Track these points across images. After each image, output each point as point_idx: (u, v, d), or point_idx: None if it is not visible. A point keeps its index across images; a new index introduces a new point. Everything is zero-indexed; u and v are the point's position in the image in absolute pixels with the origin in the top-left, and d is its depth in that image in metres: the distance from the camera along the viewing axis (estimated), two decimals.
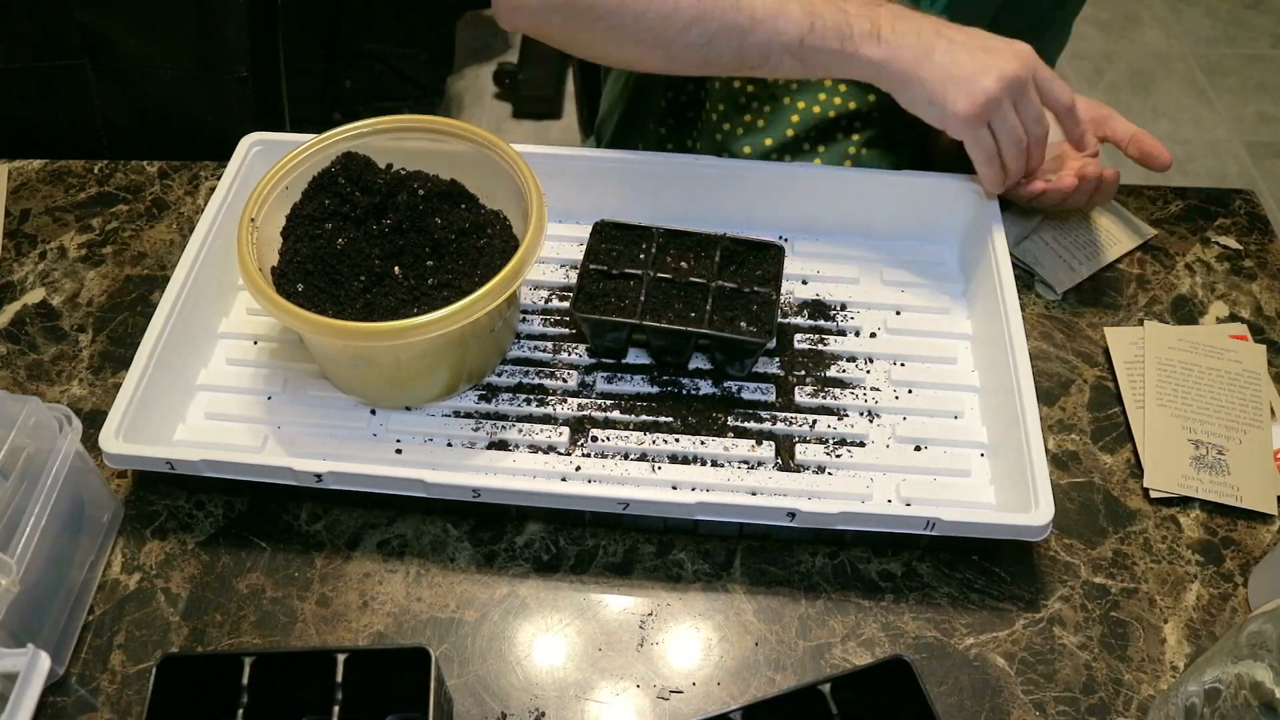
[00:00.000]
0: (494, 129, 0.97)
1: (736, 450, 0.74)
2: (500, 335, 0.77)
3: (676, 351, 0.77)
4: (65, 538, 0.66)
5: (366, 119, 0.77)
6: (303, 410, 0.76)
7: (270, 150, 0.84)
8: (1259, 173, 2.13)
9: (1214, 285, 0.87)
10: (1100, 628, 0.68)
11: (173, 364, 0.74)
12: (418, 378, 0.74)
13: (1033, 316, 0.84)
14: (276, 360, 0.79)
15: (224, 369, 0.79)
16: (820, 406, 0.77)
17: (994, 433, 0.74)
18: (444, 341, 0.70)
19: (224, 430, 0.75)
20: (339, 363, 0.74)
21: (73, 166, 0.94)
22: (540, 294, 0.83)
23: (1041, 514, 0.65)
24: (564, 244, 0.86)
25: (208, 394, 0.77)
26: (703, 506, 0.67)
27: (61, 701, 0.65)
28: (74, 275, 0.86)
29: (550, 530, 0.72)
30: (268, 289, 0.69)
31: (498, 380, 0.78)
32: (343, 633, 0.68)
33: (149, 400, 0.72)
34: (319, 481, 0.68)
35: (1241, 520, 0.73)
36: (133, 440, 0.69)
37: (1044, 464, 0.67)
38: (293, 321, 0.67)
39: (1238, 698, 0.52)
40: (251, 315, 0.82)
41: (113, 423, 0.69)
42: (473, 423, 0.75)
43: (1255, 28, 2.43)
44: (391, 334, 0.66)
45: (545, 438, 0.74)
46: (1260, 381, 0.79)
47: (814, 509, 0.66)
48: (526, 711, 0.64)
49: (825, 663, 0.67)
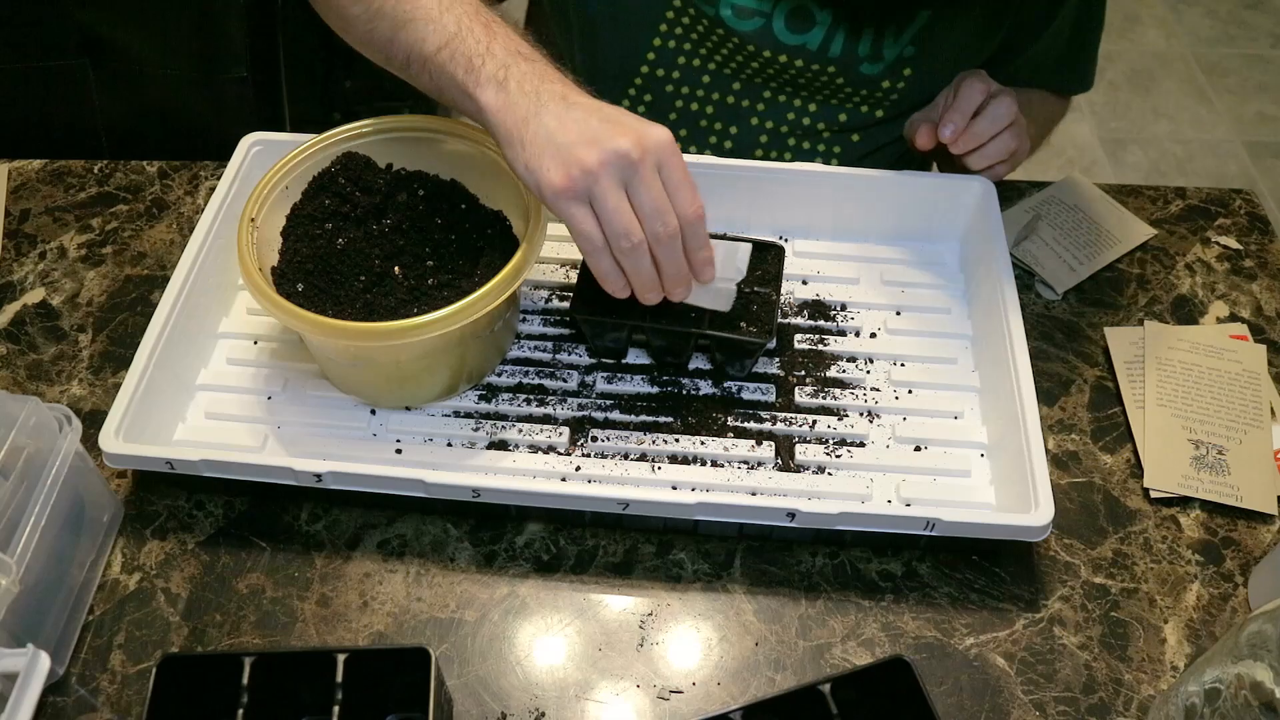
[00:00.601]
0: None
1: (736, 450, 0.74)
2: (500, 335, 0.77)
3: (676, 352, 0.77)
4: (65, 538, 0.66)
5: (366, 119, 0.77)
6: (303, 410, 0.76)
7: (270, 150, 0.84)
8: (1259, 173, 2.13)
9: (1214, 285, 0.87)
10: (1100, 628, 0.68)
11: (173, 364, 0.74)
12: (418, 378, 0.74)
13: (1033, 316, 0.84)
14: (277, 360, 0.79)
15: (224, 369, 0.79)
16: (820, 407, 0.77)
17: (994, 433, 0.74)
18: (444, 342, 0.70)
19: (224, 430, 0.75)
20: (339, 363, 0.74)
21: (73, 166, 0.94)
22: (540, 294, 0.83)
23: (1042, 514, 0.65)
24: (564, 244, 0.86)
25: (208, 394, 0.77)
26: (702, 506, 0.67)
27: (61, 701, 0.65)
28: (74, 275, 0.86)
29: (550, 530, 0.72)
30: (267, 289, 0.69)
31: (498, 380, 0.78)
32: (343, 633, 0.68)
33: (149, 400, 0.71)
34: (319, 482, 0.68)
35: (1241, 520, 0.73)
36: (133, 440, 0.69)
37: (1044, 464, 0.67)
38: (292, 321, 0.67)
39: (1238, 698, 0.52)
40: (252, 315, 0.82)
41: (112, 422, 0.69)
42: (473, 423, 0.75)
43: (1255, 28, 2.43)
44: (391, 334, 0.66)
45: (545, 438, 0.74)
46: (1260, 381, 0.79)
47: (814, 509, 0.66)
48: (526, 711, 0.64)
49: (825, 663, 0.67)
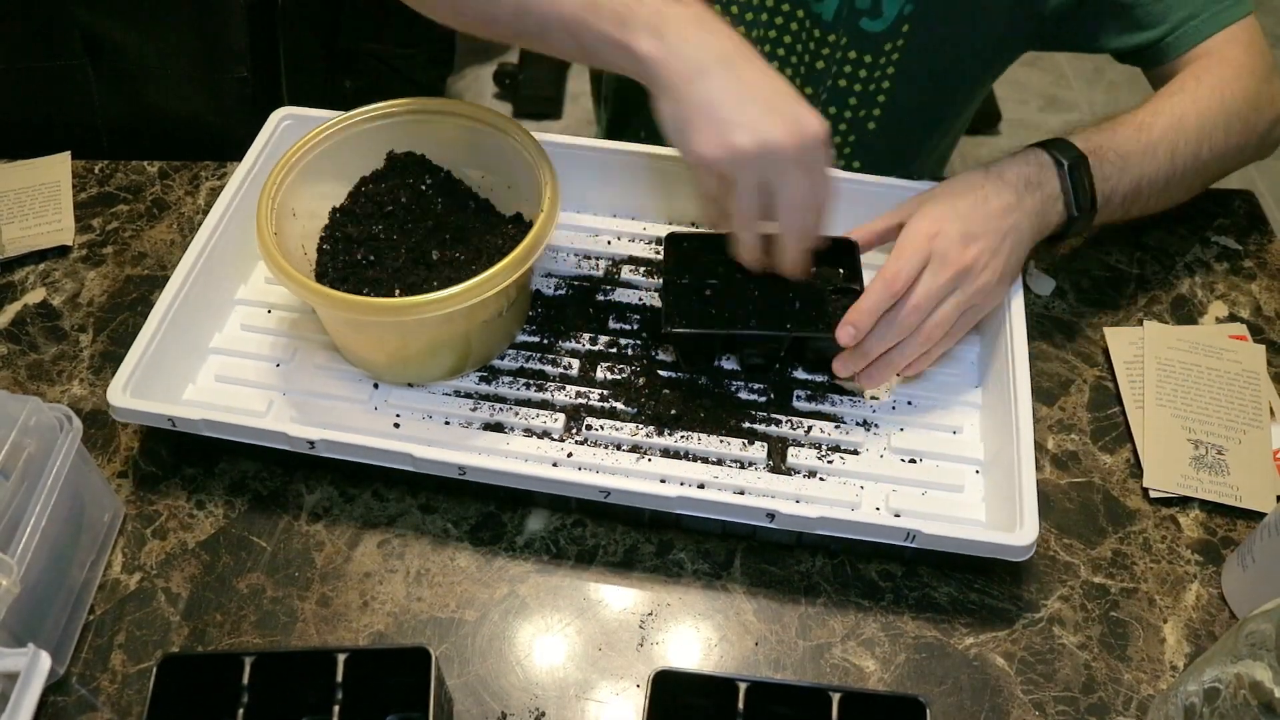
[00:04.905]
0: None
1: (728, 449, 0.74)
2: (508, 321, 0.78)
3: (771, 356, 0.77)
4: (65, 538, 0.66)
5: (398, 99, 0.80)
6: (309, 379, 0.78)
7: (300, 125, 0.87)
8: (1259, 173, 2.13)
9: (1213, 285, 0.87)
10: (1100, 627, 0.68)
11: (187, 325, 0.76)
12: (423, 357, 0.75)
13: (1032, 316, 0.84)
14: (290, 329, 0.81)
15: (238, 334, 0.81)
16: (817, 412, 0.76)
17: (991, 450, 0.73)
18: (449, 323, 0.71)
19: (231, 393, 0.77)
20: (346, 335, 0.76)
21: (73, 167, 0.94)
22: (551, 281, 0.84)
23: (1025, 534, 0.64)
24: (579, 235, 0.87)
25: (219, 357, 0.79)
26: (683, 500, 0.67)
27: (62, 701, 0.65)
28: (74, 275, 0.86)
29: (550, 530, 0.72)
30: (277, 254, 0.70)
31: (501, 363, 0.78)
32: (343, 633, 0.68)
33: (160, 359, 0.73)
34: (312, 448, 0.69)
35: (1241, 520, 0.73)
36: (140, 396, 0.71)
37: (1033, 484, 0.66)
38: (299, 290, 0.69)
39: (1237, 697, 0.52)
40: (269, 284, 0.84)
41: (121, 377, 0.70)
42: (472, 403, 0.76)
43: None
44: (391, 310, 0.68)
45: (541, 423, 0.75)
46: (1260, 381, 0.79)
47: (794, 512, 0.66)
48: (526, 711, 0.64)
49: (825, 663, 0.67)
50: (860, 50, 0.87)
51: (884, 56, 0.87)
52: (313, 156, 0.77)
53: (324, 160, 0.78)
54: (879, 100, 0.91)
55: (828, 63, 0.88)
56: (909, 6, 0.83)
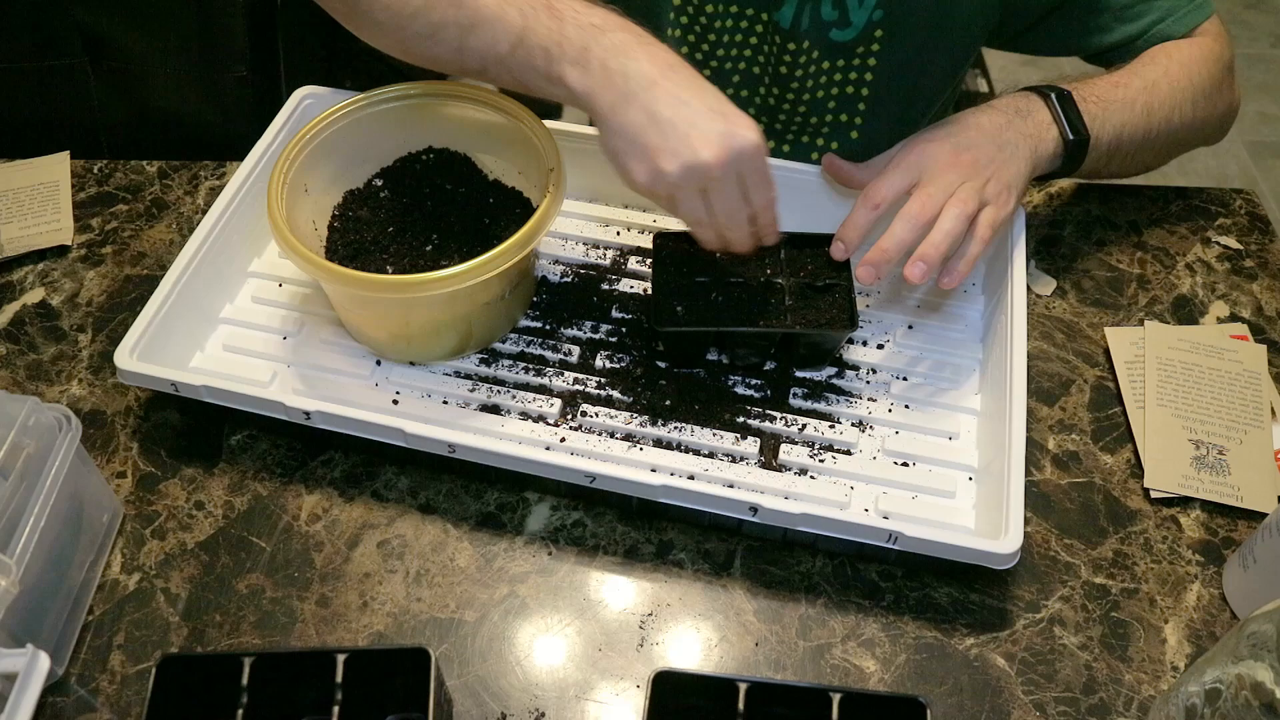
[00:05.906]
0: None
1: (721, 442, 0.74)
2: (511, 305, 0.78)
3: (760, 351, 0.77)
4: (65, 538, 0.66)
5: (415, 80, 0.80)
6: (313, 353, 0.79)
7: (320, 104, 0.88)
8: (1259, 173, 2.13)
9: (1214, 285, 0.87)
10: (1100, 628, 0.68)
11: (198, 294, 0.78)
12: (425, 336, 0.76)
13: (1033, 316, 0.84)
14: (300, 304, 0.82)
15: (248, 305, 0.82)
16: (812, 410, 0.76)
17: (985, 457, 0.73)
18: (451, 303, 0.72)
19: (236, 363, 0.78)
20: (350, 311, 0.77)
21: (73, 166, 0.94)
22: (557, 268, 0.84)
23: (1009, 542, 0.64)
24: (587, 224, 0.87)
25: (228, 327, 0.81)
26: (667, 489, 0.67)
27: (61, 702, 0.65)
28: (73, 275, 0.86)
29: (550, 531, 0.72)
30: (284, 227, 0.71)
31: (502, 346, 0.79)
32: (343, 633, 0.68)
33: (169, 325, 0.75)
34: (307, 420, 0.70)
35: (1242, 520, 0.73)
36: (147, 360, 0.72)
37: (1021, 492, 0.66)
38: (303, 264, 0.70)
39: (1238, 698, 0.52)
40: (282, 259, 0.85)
41: (129, 341, 0.71)
42: (471, 384, 0.77)
43: (1255, 28, 2.43)
44: (393, 287, 0.69)
45: (537, 407, 0.75)
46: (1260, 381, 0.79)
47: (776, 507, 0.65)
48: (526, 711, 0.64)
49: (825, 663, 0.66)
50: (832, 60, 0.87)
51: (859, 60, 0.87)
52: (328, 135, 0.78)
53: (339, 139, 0.79)
54: (859, 108, 0.91)
55: (792, 69, 0.88)
56: (878, 13, 0.84)
